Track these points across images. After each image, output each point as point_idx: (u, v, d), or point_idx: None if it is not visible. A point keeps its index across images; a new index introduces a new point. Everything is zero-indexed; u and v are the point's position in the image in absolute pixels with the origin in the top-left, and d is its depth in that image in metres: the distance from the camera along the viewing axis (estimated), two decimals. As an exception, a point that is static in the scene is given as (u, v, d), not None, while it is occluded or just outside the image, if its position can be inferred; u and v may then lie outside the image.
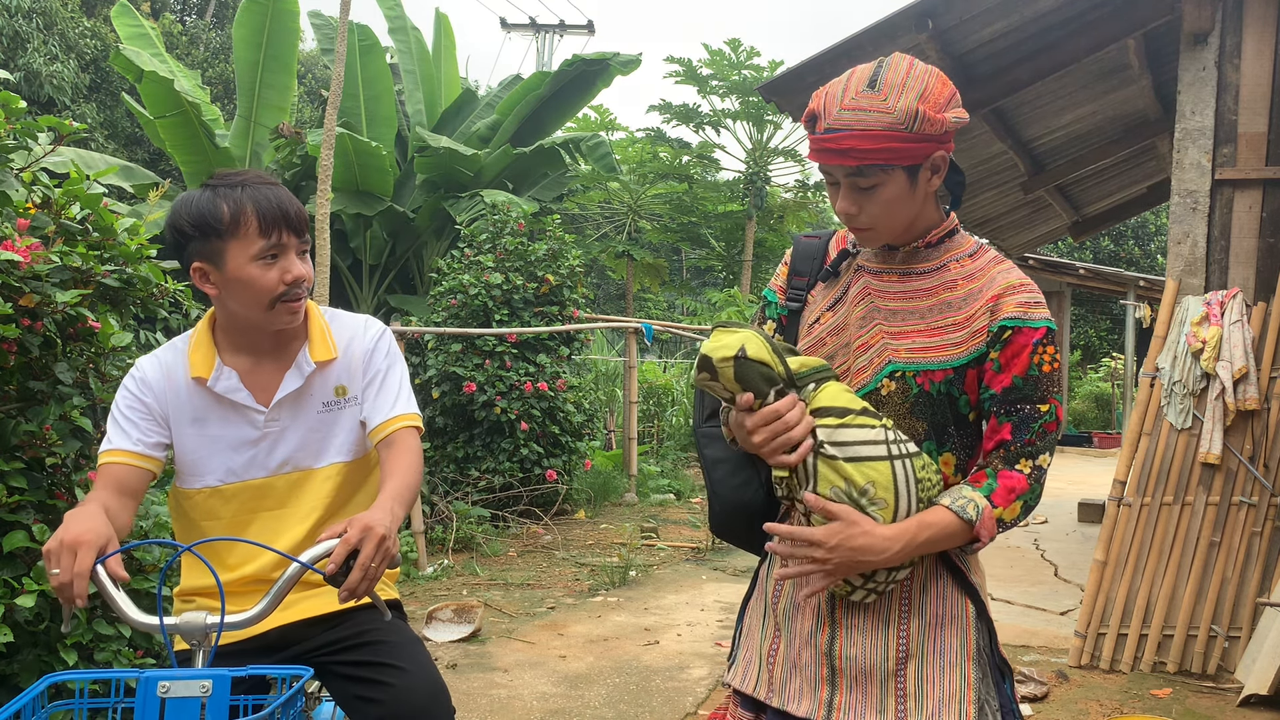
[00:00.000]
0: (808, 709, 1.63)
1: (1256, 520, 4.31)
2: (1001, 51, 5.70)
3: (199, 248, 1.83)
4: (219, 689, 1.43)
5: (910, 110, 1.49)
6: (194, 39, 19.93)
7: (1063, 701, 4.01)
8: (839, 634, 1.62)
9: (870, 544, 1.51)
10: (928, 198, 1.61)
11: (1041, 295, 1.61)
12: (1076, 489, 10.04)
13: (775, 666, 1.69)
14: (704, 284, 26.66)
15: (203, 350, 1.93)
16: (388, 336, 2.04)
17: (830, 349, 1.67)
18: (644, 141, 20.59)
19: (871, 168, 1.52)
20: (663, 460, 11.17)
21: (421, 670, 1.90)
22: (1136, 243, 21.08)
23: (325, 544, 1.62)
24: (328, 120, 7.98)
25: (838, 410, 1.54)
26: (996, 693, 1.62)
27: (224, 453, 1.93)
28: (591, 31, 24.88)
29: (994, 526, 1.55)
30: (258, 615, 1.61)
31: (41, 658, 2.61)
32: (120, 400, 1.92)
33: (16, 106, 2.93)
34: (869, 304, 1.65)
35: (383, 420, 1.94)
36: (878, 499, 1.52)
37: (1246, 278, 4.52)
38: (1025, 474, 1.56)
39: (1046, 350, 1.56)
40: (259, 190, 1.84)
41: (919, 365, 1.59)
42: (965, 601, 1.62)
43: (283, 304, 1.86)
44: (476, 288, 7.88)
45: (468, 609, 4.95)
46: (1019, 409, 1.56)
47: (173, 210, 1.86)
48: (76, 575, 1.55)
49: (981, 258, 1.64)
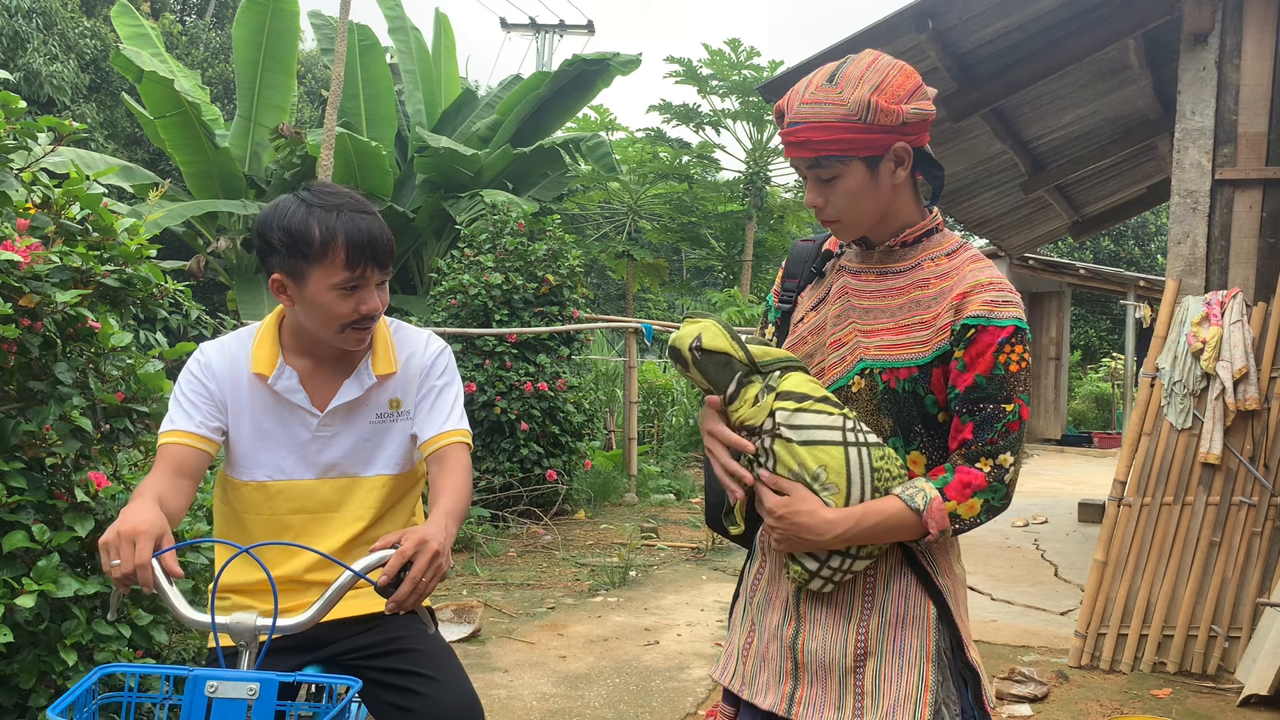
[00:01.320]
0: (772, 702, 1.65)
1: (1257, 520, 4.31)
2: (1001, 51, 5.70)
3: (283, 262, 1.83)
4: (265, 692, 1.43)
5: (862, 101, 1.53)
6: (194, 39, 19.92)
7: (1063, 702, 4.01)
8: (802, 628, 1.65)
9: (812, 523, 1.54)
10: (896, 190, 1.62)
11: (1014, 294, 1.60)
12: (1076, 489, 10.04)
13: (748, 660, 1.73)
14: (704, 284, 26.66)
15: (267, 347, 1.94)
16: (447, 354, 2.05)
17: (810, 347, 1.70)
18: (644, 141, 20.59)
19: (829, 159, 1.57)
20: (663, 460, 11.17)
21: (455, 682, 1.90)
22: (1136, 243, 21.08)
23: (378, 554, 1.62)
24: (328, 120, 7.99)
25: (798, 395, 1.58)
26: (958, 697, 1.61)
27: (274, 449, 1.94)
28: (591, 31, 24.89)
29: (944, 519, 1.54)
30: (307, 620, 1.61)
31: (41, 658, 2.62)
32: (183, 382, 1.92)
33: (16, 106, 2.93)
34: (845, 302, 1.68)
35: (435, 434, 1.95)
36: (829, 484, 1.55)
37: (1246, 278, 4.52)
38: (985, 471, 1.55)
39: (1014, 349, 1.55)
40: (354, 219, 1.82)
41: (885, 363, 1.60)
42: (928, 603, 1.62)
43: (351, 330, 1.87)
44: (476, 288, 7.88)
45: (468, 609, 4.96)
46: (981, 408, 1.56)
47: (263, 217, 1.85)
48: (139, 565, 1.55)
49: (959, 256, 1.64)
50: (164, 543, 1.61)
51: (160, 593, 1.59)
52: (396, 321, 2.05)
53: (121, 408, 2.85)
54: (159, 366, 3.00)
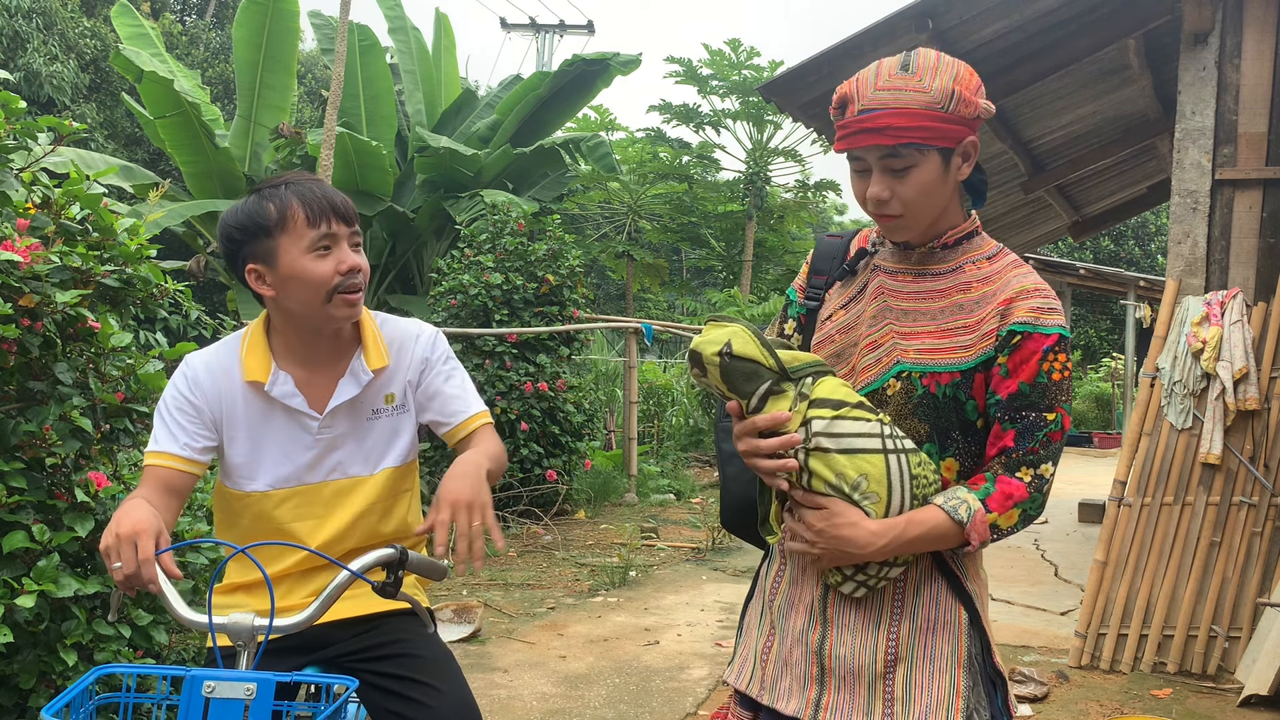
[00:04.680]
0: (796, 708, 1.62)
1: (1257, 520, 4.31)
2: (1001, 51, 5.70)
3: (250, 250, 1.83)
4: (263, 692, 1.43)
5: (946, 90, 1.49)
6: (194, 39, 19.92)
7: (1063, 702, 4.01)
8: (830, 633, 1.61)
9: (855, 535, 1.50)
10: (956, 189, 1.59)
11: (1057, 301, 1.57)
12: (1076, 489, 10.04)
13: (768, 664, 1.69)
14: (704, 284, 26.66)
15: (258, 354, 1.91)
16: (441, 339, 2.04)
17: (839, 346, 1.66)
18: (644, 141, 20.59)
19: (908, 147, 1.51)
20: (663, 460, 11.17)
21: (455, 691, 1.90)
22: (1136, 243, 21.09)
23: (376, 554, 1.62)
24: (328, 120, 7.98)
25: (834, 402, 1.53)
26: (988, 703, 1.60)
27: (275, 458, 1.91)
28: (591, 31, 24.88)
29: (986, 530, 1.52)
30: (304, 620, 1.61)
31: (41, 658, 2.61)
32: (169, 398, 1.89)
33: (16, 106, 2.93)
34: (881, 303, 1.64)
35: (462, 420, 1.96)
36: (870, 492, 1.51)
37: (1246, 278, 4.52)
38: (1025, 482, 1.53)
39: (1058, 358, 1.53)
40: (302, 185, 1.85)
41: (926, 367, 1.57)
42: (959, 608, 1.60)
43: (340, 296, 1.84)
44: (476, 288, 7.88)
45: (468, 609, 4.95)
46: (1024, 416, 1.53)
47: (221, 222, 1.87)
48: (143, 562, 1.55)
49: (1000, 261, 1.61)
50: (162, 542, 1.61)
51: (159, 593, 1.58)
52: (382, 315, 2.03)
53: (121, 408, 2.84)
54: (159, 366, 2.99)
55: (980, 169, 1.64)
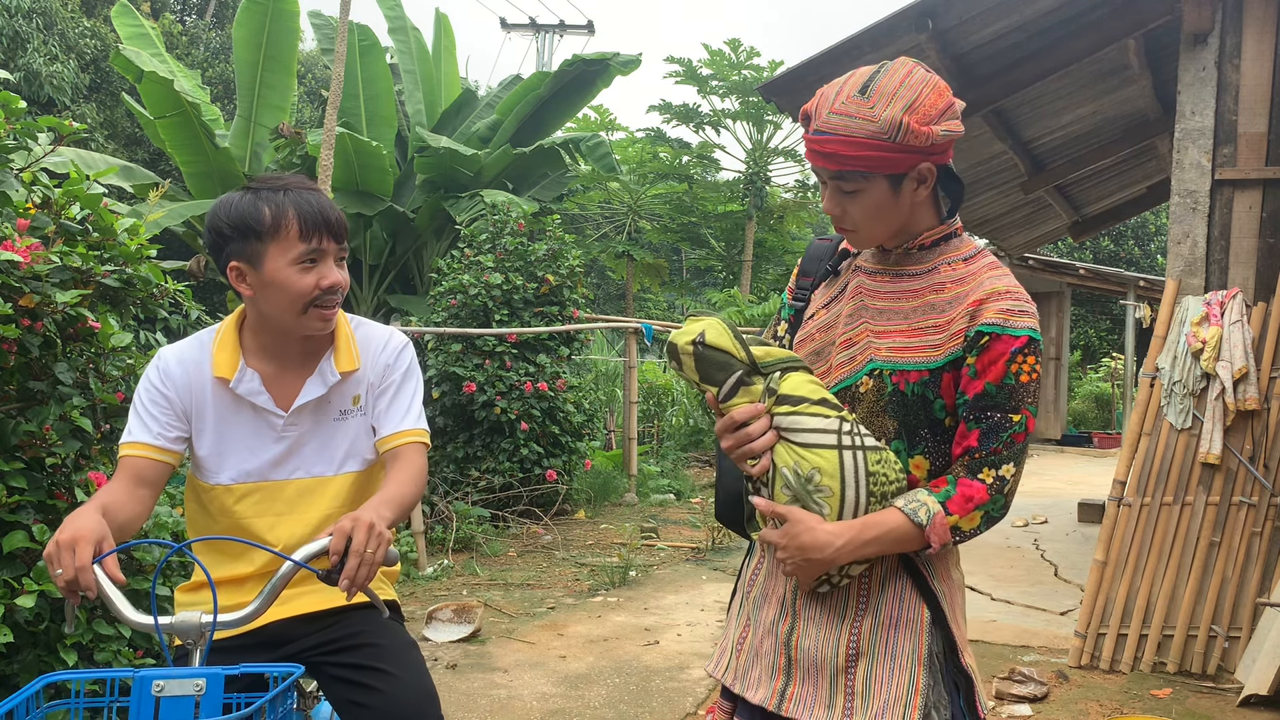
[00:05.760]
0: (762, 697, 1.66)
1: (1256, 520, 4.31)
2: (1001, 51, 5.70)
3: (238, 248, 1.84)
4: (212, 687, 1.44)
5: (894, 121, 1.51)
6: (194, 39, 19.92)
7: (1063, 702, 4.01)
8: (797, 625, 1.65)
9: (814, 540, 1.53)
10: (916, 206, 1.62)
11: (1030, 304, 1.59)
12: (1076, 489, 10.04)
13: (741, 654, 1.74)
14: (704, 284, 26.65)
15: (228, 350, 1.93)
16: (409, 351, 2.05)
17: (818, 344, 1.70)
18: (644, 141, 20.58)
19: (853, 174, 1.55)
20: (663, 460, 11.17)
21: (413, 677, 1.90)
22: (1136, 243, 21.08)
23: (319, 542, 1.64)
24: (328, 120, 7.98)
25: (795, 399, 1.57)
26: (949, 702, 1.61)
27: (239, 453, 1.94)
28: (591, 31, 24.88)
29: (947, 533, 1.54)
30: (251, 614, 1.63)
31: (41, 658, 2.62)
32: (142, 390, 1.92)
33: (16, 106, 2.93)
34: (859, 302, 1.68)
35: (392, 432, 1.96)
36: (822, 486, 1.54)
37: (1246, 278, 4.53)
38: (987, 484, 1.55)
39: (1026, 360, 1.55)
40: (301, 195, 1.85)
41: (896, 365, 1.60)
42: (922, 607, 1.62)
43: (315, 309, 1.87)
44: (476, 288, 7.88)
45: (468, 609, 4.95)
46: (989, 416, 1.55)
47: (212, 211, 1.88)
48: (79, 569, 1.57)
49: (976, 262, 1.63)
50: (104, 547, 1.62)
51: (103, 597, 1.60)
52: (358, 319, 2.05)
53: (121, 408, 2.85)
54: (159, 366, 2.99)
55: (957, 179, 1.66)
